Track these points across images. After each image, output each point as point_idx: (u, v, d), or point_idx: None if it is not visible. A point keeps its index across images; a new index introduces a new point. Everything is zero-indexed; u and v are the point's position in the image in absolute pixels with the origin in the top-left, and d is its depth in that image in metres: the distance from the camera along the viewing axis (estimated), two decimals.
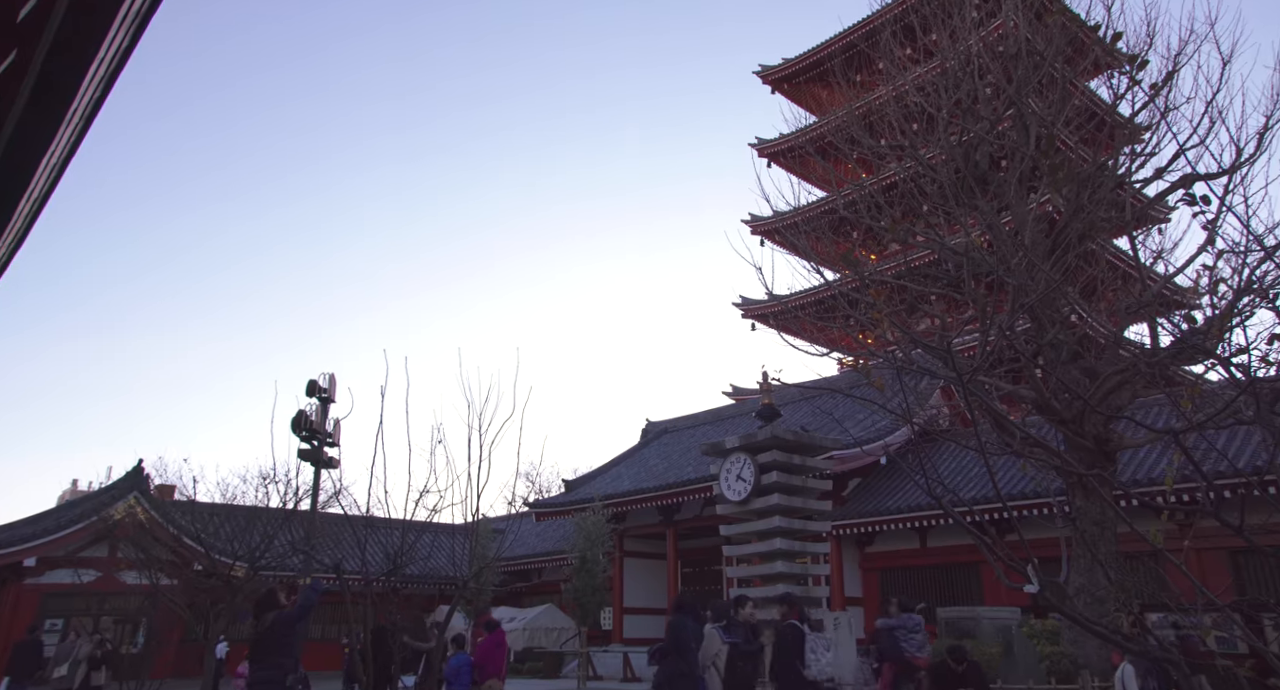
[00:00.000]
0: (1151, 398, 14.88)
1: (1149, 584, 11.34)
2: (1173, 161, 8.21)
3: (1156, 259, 8.39)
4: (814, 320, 12.54)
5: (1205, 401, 5.09)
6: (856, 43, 28.28)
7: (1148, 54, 8.50)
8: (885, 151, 11.27)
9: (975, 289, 7.75)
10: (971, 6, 11.41)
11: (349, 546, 23.25)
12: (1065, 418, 7.98)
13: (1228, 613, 2.90)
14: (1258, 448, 13.43)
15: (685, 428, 28.63)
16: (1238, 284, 5.15)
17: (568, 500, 25.65)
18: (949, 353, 4.49)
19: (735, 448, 11.68)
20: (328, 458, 13.79)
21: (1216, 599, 3.00)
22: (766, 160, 33.02)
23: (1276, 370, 3.30)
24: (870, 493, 20.14)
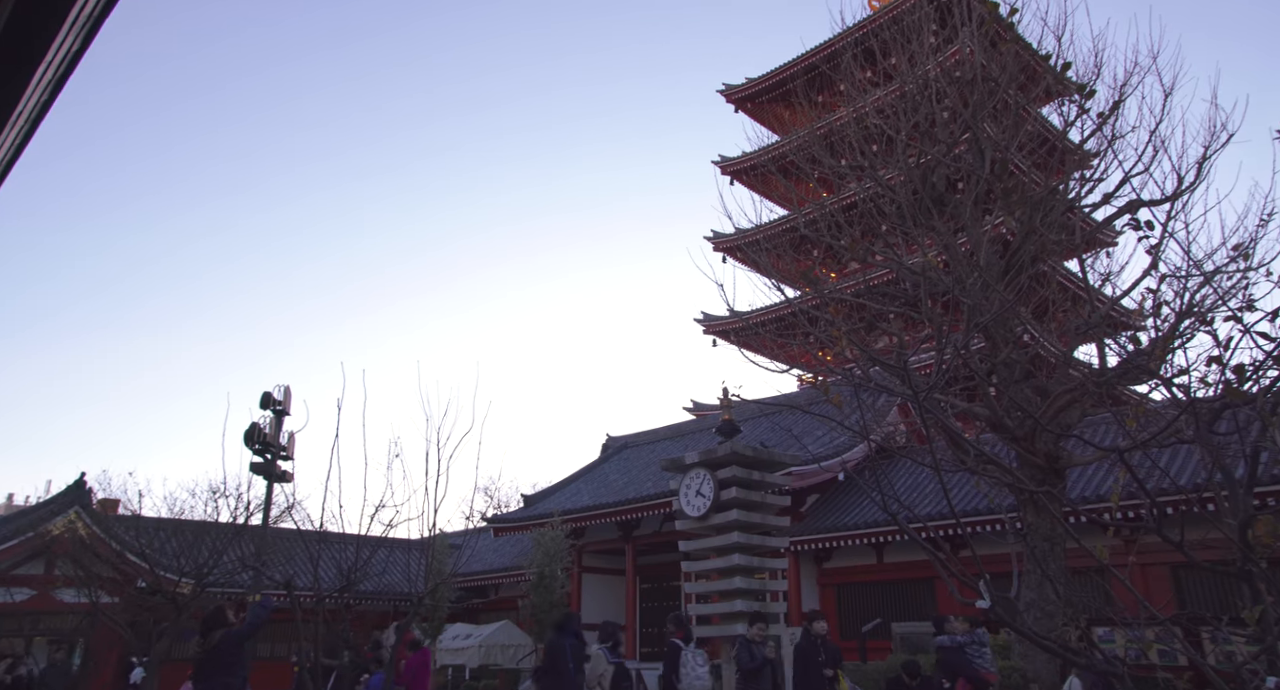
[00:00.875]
0: (1099, 416, 15.25)
1: (1096, 599, 11.58)
2: (1119, 187, 8.48)
3: (1104, 281, 8.63)
4: (774, 337, 12.65)
5: (1149, 420, 5.24)
6: (818, 64, 28.76)
7: (1095, 84, 8.78)
8: (845, 171, 11.46)
9: (932, 308, 7.88)
10: (929, 32, 11.68)
11: (301, 562, 22.85)
12: (1018, 435, 8.14)
13: (1168, 626, 2.98)
14: (1197, 466, 13.82)
15: (645, 443, 28.61)
16: (1179, 307, 5.33)
17: (526, 515, 25.45)
18: (906, 370, 4.57)
19: (695, 463, 11.70)
20: (281, 471, 13.52)
21: (1158, 613, 3.08)
22: (729, 178, 33.34)
23: (1215, 391, 3.41)
24: (828, 509, 20.30)
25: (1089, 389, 7.01)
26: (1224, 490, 3.36)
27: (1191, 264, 5.31)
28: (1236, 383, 3.21)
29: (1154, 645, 11.18)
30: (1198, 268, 5.22)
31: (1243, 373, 3.16)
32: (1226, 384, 3.28)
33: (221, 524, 15.56)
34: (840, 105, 16.48)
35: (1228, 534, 3.00)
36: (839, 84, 20.86)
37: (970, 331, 6.97)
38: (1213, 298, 5.42)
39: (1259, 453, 3.31)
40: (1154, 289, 4.63)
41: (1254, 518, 2.96)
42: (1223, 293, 5.47)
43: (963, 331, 6.65)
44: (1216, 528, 3.16)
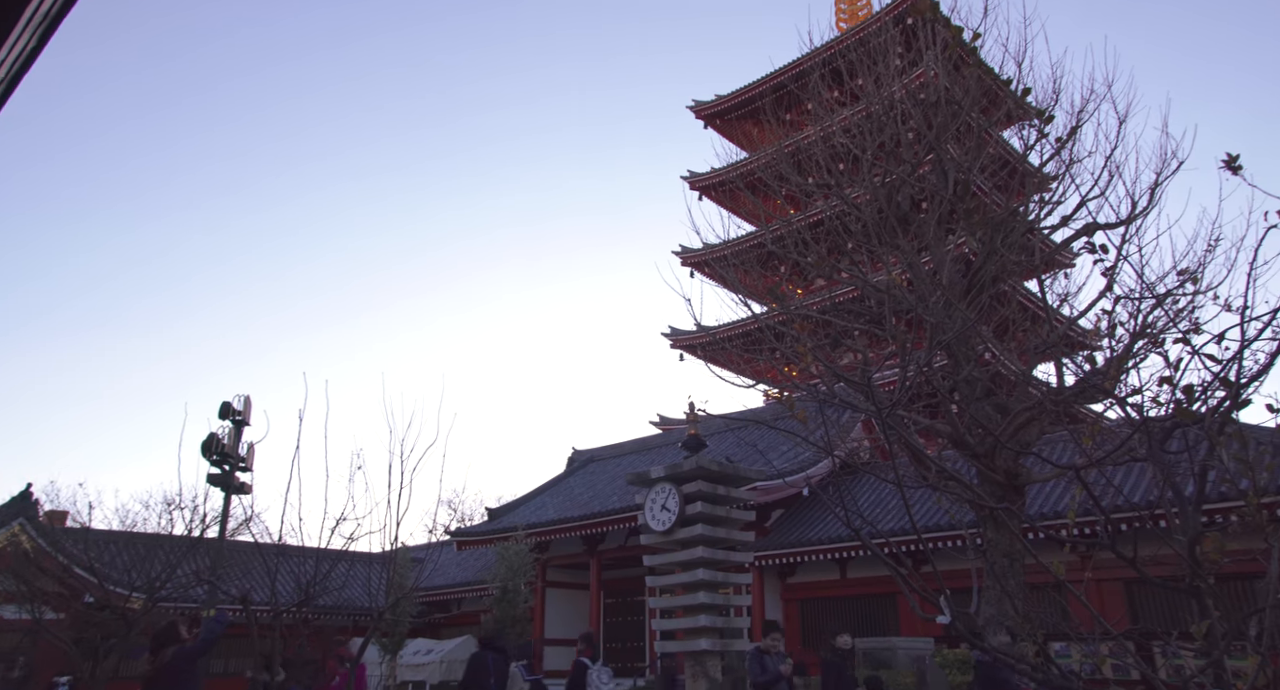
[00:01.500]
0: (1056, 434, 15.54)
1: (1053, 614, 11.75)
2: (1076, 210, 8.69)
3: (1062, 302, 8.83)
4: (741, 352, 12.73)
5: (1104, 439, 5.35)
6: (786, 83, 29.13)
7: (1054, 109, 9.02)
8: (812, 189, 11.59)
9: (896, 325, 7.99)
10: (895, 55, 11.90)
11: (258, 576, 22.39)
12: (978, 452, 8.26)
13: (1121, 641, 3.04)
14: (1150, 484, 14.13)
15: (611, 457, 28.55)
16: (1133, 329, 5.47)
17: (490, 529, 25.22)
18: (870, 387, 4.62)
19: (660, 477, 11.70)
20: (239, 483, 13.26)
21: (1112, 628, 3.14)
22: (698, 193, 33.57)
23: (1166, 411, 3.50)
24: (792, 524, 20.39)
25: (1047, 407, 7.14)
26: (1174, 507, 3.44)
27: (1144, 287, 5.46)
28: (1186, 403, 3.30)
29: (1108, 660, 11.37)
30: (1150, 291, 5.37)
31: (1192, 393, 3.25)
32: (1177, 404, 3.37)
33: (176, 537, 15.19)
34: (808, 124, 16.71)
35: (1178, 550, 3.08)
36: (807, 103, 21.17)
37: (933, 349, 7.07)
38: (1164, 320, 5.58)
39: (1207, 471, 3.40)
40: (1109, 310, 4.75)
41: (1202, 535, 3.04)
42: (1173, 315, 5.63)
43: (926, 349, 6.75)
44: (1167, 544, 3.24)
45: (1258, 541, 3.04)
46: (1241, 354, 3.07)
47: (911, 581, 3.40)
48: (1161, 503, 3.55)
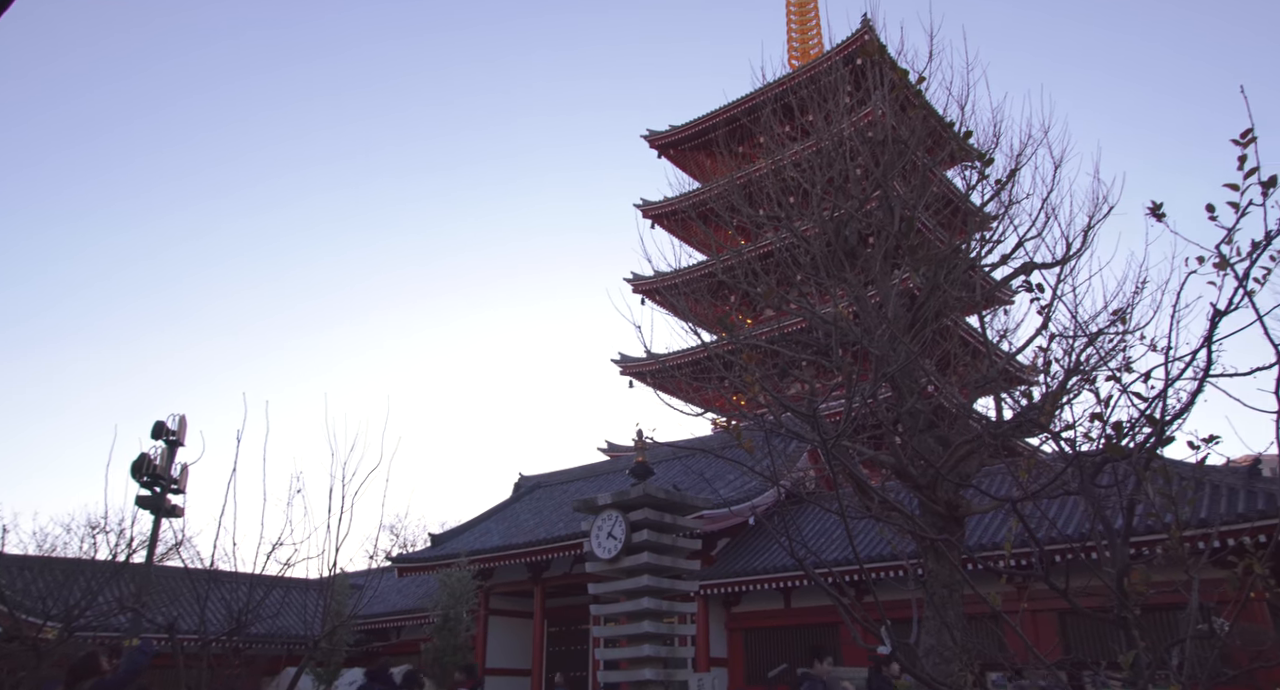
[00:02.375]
0: (995, 467, 15.89)
1: (990, 645, 11.94)
2: (1015, 250, 8.98)
3: (1002, 338, 9.08)
4: (690, 380, 12.80)
5: (1039, 472, 5.50)
6: (739, 116, 29.67)
7: (994, 152, 9.34)
8: (763, 221, 11.78)
9: (842, 357, 8.13)
10: (845, 93, 12.21)
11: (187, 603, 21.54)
12: (920, 483, 8.39)
13: (1053, 671, 3.11)
14: (1082, 516, 14.53)
15: (559, 483, 28.32)
16: (1067, 365, 5.65)
17: (433, 555, 24.75)
18: (816, 417, 4.69)
19: (607, 505, 11.65)
20: (170, 506, 12.80)
21: (1044, 659, 3.21)
22: (650, 221, 33.83)
23: (1097, 446, 3.63)
24: (738, 553, 20.42)
25: (986, 440, 7.32)
26: (1104, 540, 3.55)
27: (1078, 326, 5.66)
28: (1115, 439, 3.43)
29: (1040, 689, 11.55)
30: (1083, 329, 5.57)
31: (1120, 430, 3.38)
32: (1107, 440, 3.50)
33: (99, 562, 14.51)
34: (759, 157, 17.02)
35: (1106, 582, 3.17)
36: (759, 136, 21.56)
37: (878, 381, 7.20)
38: (1095, 358, 5.78)
39: (1134, 505, 3.53)
40: (1045, 347, 4.91)
41: (1130, 567, 3.14)
42: (1104, 354, 5.84)
43: (871, 381, 6.88)
44: (1097, 576, 3.34)
45: (1180, 573, 3.15)
46: (1165, 393, 3.21)
47: (853, 611, 3.44)
48: (1092, 535, 3.67)
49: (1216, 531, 12.68)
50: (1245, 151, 2.86)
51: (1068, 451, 3.85)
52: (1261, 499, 13.49)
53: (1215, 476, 14.46)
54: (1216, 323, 3.02)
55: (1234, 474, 14.51)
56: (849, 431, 6.63)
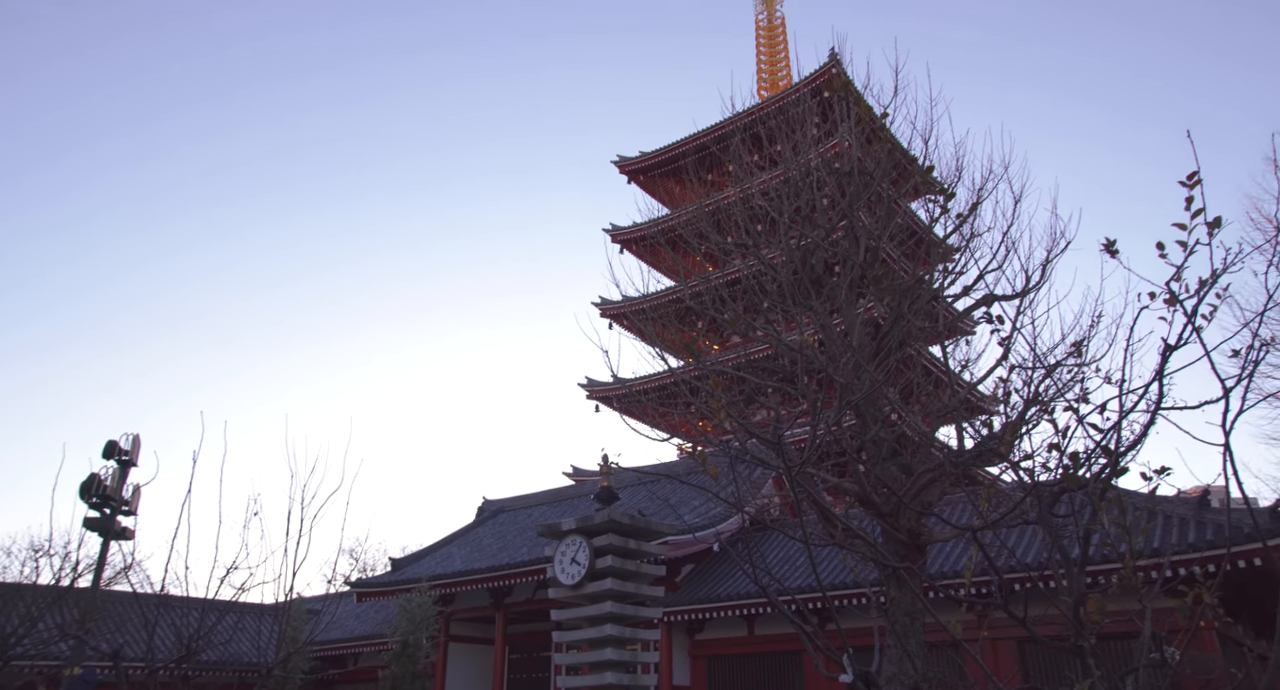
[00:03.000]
0: (956, 496, 16.07)
1: (951, 673, 12.00)
2: (976, 282, 9.17)
3: (963, 368, 9.24)
4: (656, 405, 12.80)
5: (999, 501, 5.58)
6: (708, 144, 30.00)
7: (956, 186, 9.57)
8: (731, 248, 11.90)
9: (807, 385, 8.20)
10: (812, 124, 12.44)
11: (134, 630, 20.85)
12: (883, 511, 8.46)
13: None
14: (1041, 545, 14.72)
15: (522, 507, 28.06)
16: (1026, 396, 5.77)
17: (393, 580, 24.33)
18: (781, 444, 4.72)
19: (571, 530, 11.56)
20: (120, 528, 12.42)
21: (1003, 687, 3.25)
22: (619, 246, 33.96)
23: (1055, 476, 3.70)
24: (702, 580, 20.34)
25: (948, 469, 7.41)
26: (1061, 569, 3.61)
27: (1036, 357, 5.78)
28: (1072, 469, 3.50)
29: None
30: (1041, 361, 5.70)
31: (1077, 460, 3.45)
32: (1064, 470, 3.57)
33: (40, 587, 14.01)
34: (728, 185, 17.22)
35: (1063, 611, 3.23)
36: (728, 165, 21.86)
37: (842, 409, 7.28)
38: (1054, 390, 5.90)
39: (1090, 534, 3.60)
40: (1004, 378, 5.00)
41: (1086, 596, 3.20)
42: (1062, 386, 5.97)
43: (836, 408, 6.95)
44: (1055, 605, 3.39)
45: (1134, 603, 3.21)
46: (1120, 425, 3.29)
47: (816, 639, 3.45)
48: (1050, 564, 3.73)
49: (1168, 561, 12.91)
50: (1191, 193, 2.97)
51: (1026, 481, 3.93)
52: (1210, 530, 13.78)
53: (1167, 507, 14.75)
54: (1167, 357, 3.11)
55: (1184, 505, 14.81)
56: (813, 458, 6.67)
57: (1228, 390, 2.88)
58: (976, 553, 3.94)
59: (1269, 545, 12.38)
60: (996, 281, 8.81)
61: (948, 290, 9.45)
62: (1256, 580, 12.74)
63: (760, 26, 42.15)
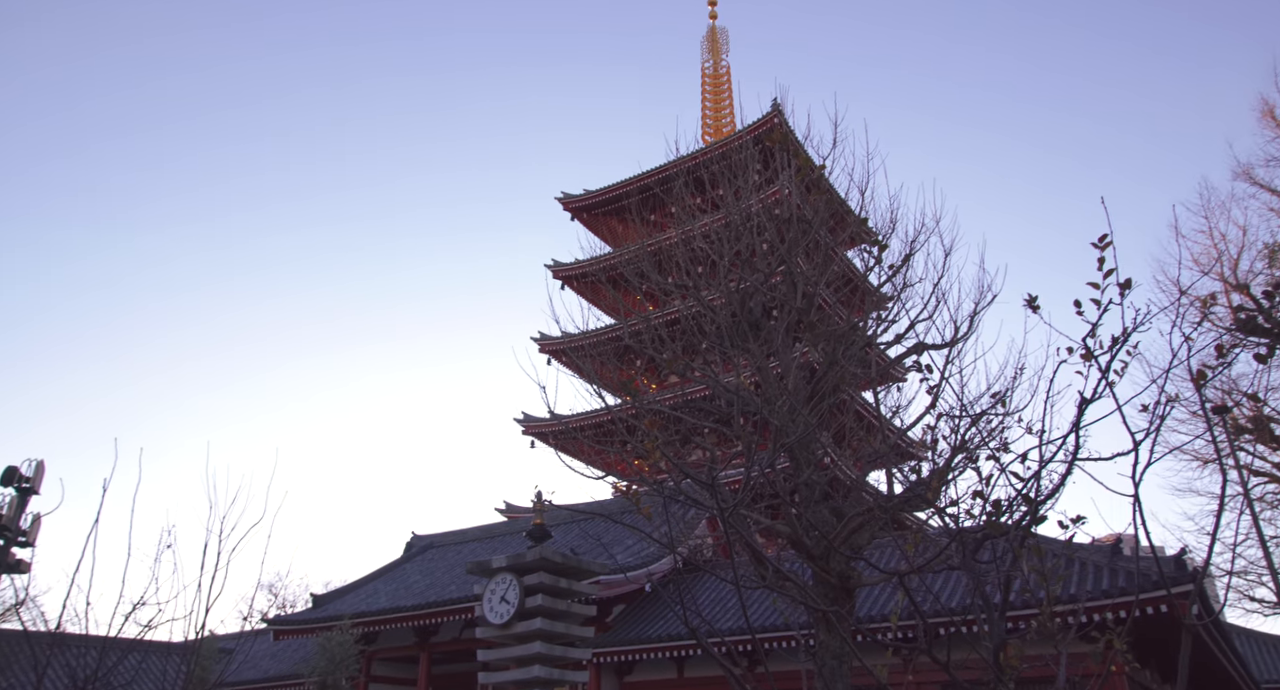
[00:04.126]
0: (884, 540, 16.31)
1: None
2: (908, 330, 9.45)
3: (894, 414, 9.47)
4: (593, 443, 12.76)
5: (925, 546, 5.70)
6: (652, 186, 30.40)
7: (891, 237, 9.90)
8: (671, 289, 12.03)
9: (743, 426, 8.28)
10: (754, 171, 12.75)
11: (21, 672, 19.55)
12: (814, 554, 8.54)
13: None
14: (964, 590, 15.02)
15: (453, 543, 27.47)
16: (953, 443, 5.94)
17: (314, 617, 23.46)
18: (715, 485, 4.75)
19: (502, 567, 11.35)
20: (15, 560, 11.69)
21: None
22: (561, 282, 33.96)
23: (979, 522, 3.80)
24: (633, 620, 20.13)
25: (877, 513, 7.54)
26: (983, 614, 3.70)
27: (962, 406, 5.98)
28: (994, 516, 3.61)
29: None
30: (967, 410, 5.89)
31: (999, 508, 3.56)
32: (987, 516, 3.68)
33: None
34: (670, 226, 17.48)
35: (984, 656, 3.30)
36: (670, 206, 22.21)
37: (777, 451, 7.37)
38: (978, 438, 6.10)
39: (1011, 580, 3.70)
40: (932, 425, 5.15)
41: (1005, 641, 3.28)
42: (986, 434, 6.18)
43: (770, 451, 7.03)
44: (976, 650, 3.46)
45: (1051, 647, 3.31)
46: (1040, 474, 3.42)
47: (745, 681, 3.45)
48: (973, 609, 3.81)
49: (1083, 607, 13.28)
50: (1103, 254, 3.16)
51: (952, 527, 4.03)
52: (1122, 577, 14.25)
53: (1082, 554, 15.22)
54: (1083, 410, 3.26)
55: (1098, 552, 15.31)
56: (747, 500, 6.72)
57: (1137, 443, 3.02)
58: (903, 597, 4.01)
59: (1173, 593, 12.85)
60: (927, 331, 9.10)
61: (881, 337, 9.71)
62: (1163, 626, 13.19)
63: (706, 74, 43.19)
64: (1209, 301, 4.84)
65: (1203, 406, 3.60)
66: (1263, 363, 3.09)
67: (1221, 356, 3.18)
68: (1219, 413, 3.31)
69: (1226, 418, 11.69)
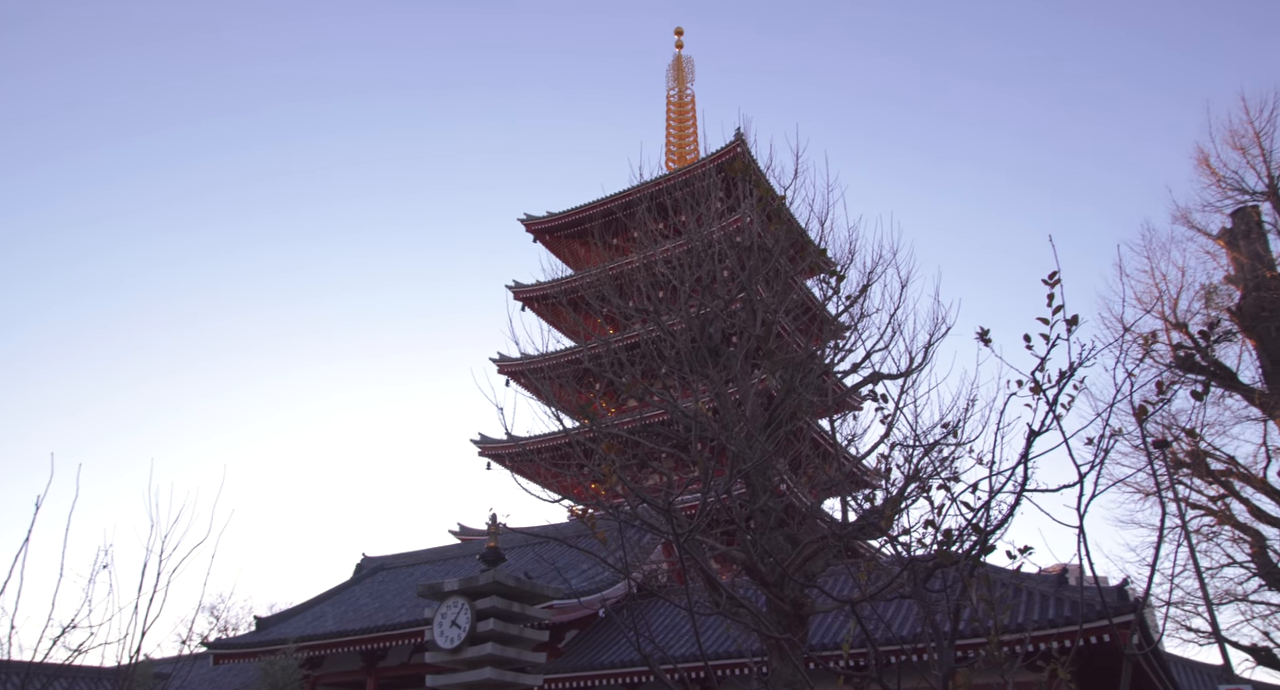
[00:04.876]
0: (837, 567, 16.41)
1: None
2: (864, 360, 9.60)
3: (850, 442, 9.57)
4: (549, 465, 12.69)
5: (877, 574, 5.76)
6: (615, 210, 30.57)
7: (849, 268, 10.08)
8: (632, 313, 12.07)
9: (701, 451, 8.31)
10: (716, 199, 12.91)
11: None
12: (769, 581, 8.57)
13: None
14: (915, 619, 15.15)
15: (404, 565, 26.97)
16: (907, 472, 6.03)
17: (256, 640, 22.80)
18: (671, 511, 4.75)
19: (454, 591, 11.17)
20: None
21: None
22: (521, 304, 33.85)
23: (930, 551, 3.86)
24: (586, 646, 19.93)
25: (832, 541, 7.60)
26: (933, 643, 3.75)
27: (916, 436, 6.08)
28: (946, 545, 3.67)
29: None
30: (921, 440, 6.00)
31: (950, 537, 3.63)
32: (938, 546, 3.74)
33: None
34: (632, 251, 17.57)
35: (934, 685, 3.34)
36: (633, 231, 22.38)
37: (733, 477, 7.39)
38: (931, 468, 6.20)
39: (961, 609, 3.75)
40: (886, 454, 5.22)
41: (954, 670, 3.33)
42: (938, 464, 6.28)
43: (726, 477, 7.05)
44: (926, 678, 3.50)
45: (998, 676, 3.36)
46: (989, 504, 3.49)
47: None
48: (923, 638, 3.85)
49: (1029, 637, 13.48)
50: (1052, 291, 3.27)
51: (904, 555, 4.08)
52: (1067, 606, 14.51)
53: (1029, 584, 15.47)
54: (1031, 442, 3.34)
55: (1045, 582, 15.58)
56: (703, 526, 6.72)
57: (1082, 476, 3.11)
58: (855, 625, 4.03)
59: (1115, 623, 13.11)
60: (883, 361, 9.25)
61: (838, 366, 9.84)
62: (1106, 655, 13.43)
63: (671, 102, 43.70)
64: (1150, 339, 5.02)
65: (1144, 441, 3.71)
66: (1199, 399, 3.20)
67: (1162, 393, 3.29)
68: (1159, 447, 3.42)
69: (1166, 452, 12.04)
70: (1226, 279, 14.23)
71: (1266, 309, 13.35)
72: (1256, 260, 13.83)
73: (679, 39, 45.03)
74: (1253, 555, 12.94)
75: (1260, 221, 14.47)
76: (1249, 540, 12.98)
